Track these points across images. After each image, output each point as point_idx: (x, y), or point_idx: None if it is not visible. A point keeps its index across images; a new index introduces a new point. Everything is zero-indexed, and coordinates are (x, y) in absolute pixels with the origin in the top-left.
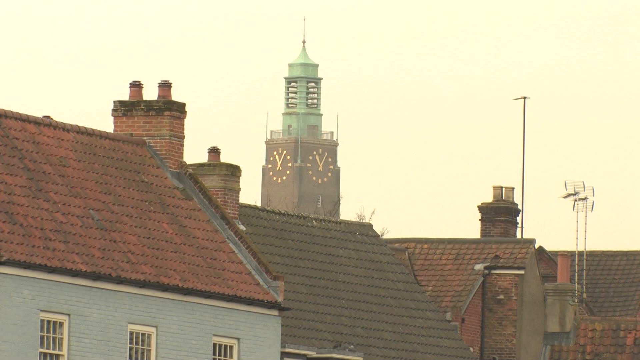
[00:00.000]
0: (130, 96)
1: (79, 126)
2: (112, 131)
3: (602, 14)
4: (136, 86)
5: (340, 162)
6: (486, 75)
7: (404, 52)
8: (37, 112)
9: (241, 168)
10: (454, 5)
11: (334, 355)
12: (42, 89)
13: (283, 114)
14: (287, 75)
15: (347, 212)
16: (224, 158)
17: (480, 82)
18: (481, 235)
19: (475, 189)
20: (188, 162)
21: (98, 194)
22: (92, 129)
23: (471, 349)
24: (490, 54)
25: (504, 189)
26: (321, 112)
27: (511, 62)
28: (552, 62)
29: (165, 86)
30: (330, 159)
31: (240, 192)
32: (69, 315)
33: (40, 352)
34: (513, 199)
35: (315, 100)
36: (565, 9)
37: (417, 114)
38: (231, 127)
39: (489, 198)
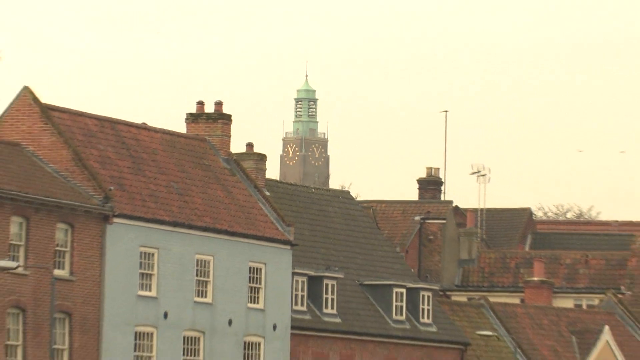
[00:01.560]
0: (196, 110)
1: (164, 129)
2: (185, 132)
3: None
4: (200, 104)
5: (329, 152)
6: (426, 93)
7: (373, 80)
8: (137, 120)
9: (267, 156)
10: (420, 42)
11: (325, 274)
12: (139, 103)
13: (293, 122)
14: (296, 97)
15: (334, 184)
16: (256, 149)
17: (420, 98)
18: (419, 198)
19: (416, 169)
20: (233, 152)
21: (176, 172)
22: (172, 130)
23: (412, 270)
24: (423, 77)
25: (433, 169)
26: (317, 120)
27: (436, 83)
28: (468, 82)
29: (218, 104)
30: (323, 150)
31: (266, 171)
32: (157, 248)
33: (140, 272)
34: (439, 175)
35: (313, 113)
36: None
37: (379, 122)
38: (260, 130)
39: (423, 174)
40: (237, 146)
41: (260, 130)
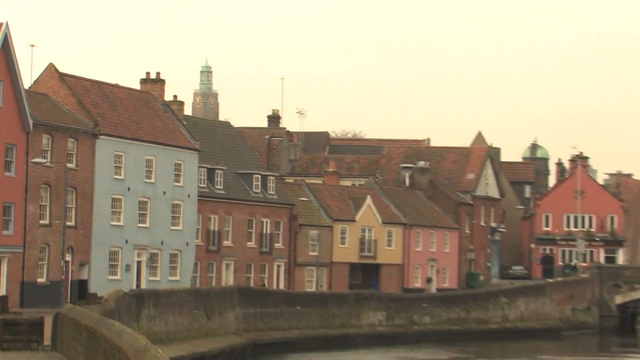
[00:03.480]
0: (146, 76)
1: (128, 87)
2: (139, 88)
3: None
4: (147, 73)
5: (219, 101)
6: (272, 65)
7: (245, 60)
8: (113, 81)
9: (184, 102)
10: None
11: (216, 167)
12: (113, 72)
13: (199, 83)
14: (201, 70)
15: (221, 118)
16: (179, 99)
17: (270, 69)
18: (267, 126)
19: (267, 110)
20: (166, 100)
21: (133, 110)
22: (132, 88)
23: (264, 165)
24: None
25: (275, 110)
26: (212, 83)
27: (278, 59)
28: (297, 53)
29: (157, 73)
30: (215, 100)
31: (184, 111)
32: (124, 152)
33: (114, 166)
34: (279, 113)
35: (210, 79)
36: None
37: (247, 84)
38: (181, 88)
39: (270, 113)
40: (168, 96)
41: (181, 88)
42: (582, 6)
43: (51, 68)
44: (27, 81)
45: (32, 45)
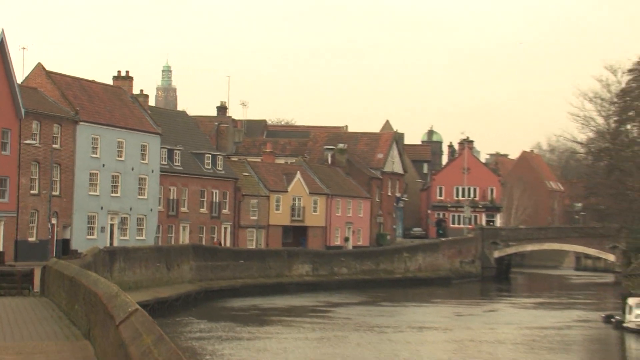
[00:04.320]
0: (117, 74)
1: (102, 82)
2: (112, 84)
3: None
4: (119, 72)
5: (177, 94)
6: (220, 64)
7: (201, 59)
8: (90, 77)
9: (149, 95)
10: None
11: (175, 147)
12: (91, 70)
13: (161, 80)
14: (162, 69)
15: (179, 108)
16: (145, 92)
17: (220, 67)
18: (216, 115)
19: (216, 102)
20: (134, 93)
21: (107, 101)
22: (106, 83)
23: (214, 146)
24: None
25: (223, 102)
26: (172, 80)
27: (222, 57)
28: (246, 53)
29: (127, 72)
30: (174, 93)
31: (149, 102)
32: (99, 136)
33: (91, 147)
34: (226, 105)
35: (170, 77)
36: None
37: (199, 80)
38: (147, 84)
39: (219, 104)
40: (135, 90)
41: (147, 84)
42: (473, 17)
43: (39, 67)
44: (19, 77)
45: (24, 48)
